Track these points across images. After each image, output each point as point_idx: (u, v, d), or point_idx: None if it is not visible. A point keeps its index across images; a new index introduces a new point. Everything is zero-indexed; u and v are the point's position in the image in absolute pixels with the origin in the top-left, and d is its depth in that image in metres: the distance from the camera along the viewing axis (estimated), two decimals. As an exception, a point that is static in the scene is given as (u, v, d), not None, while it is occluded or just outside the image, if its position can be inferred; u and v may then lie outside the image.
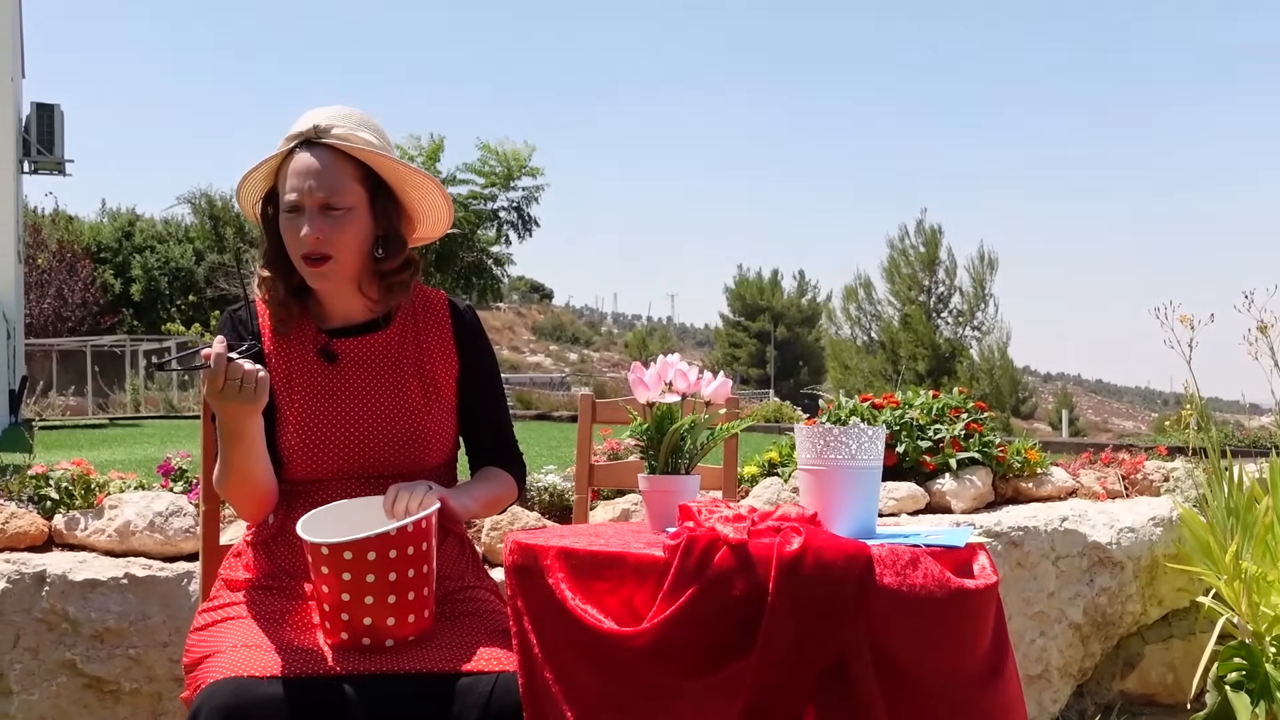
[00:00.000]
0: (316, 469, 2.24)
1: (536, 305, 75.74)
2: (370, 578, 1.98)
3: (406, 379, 2.31)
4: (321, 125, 2.22)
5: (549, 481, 3.52)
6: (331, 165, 2.21)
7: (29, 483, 3.13)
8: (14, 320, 17.57)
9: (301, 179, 2.19)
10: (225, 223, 35.59)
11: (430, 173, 2.26)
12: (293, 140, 2.22)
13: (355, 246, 2.24)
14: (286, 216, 2.22)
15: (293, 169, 2.20)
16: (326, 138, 2.22)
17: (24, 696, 2.86)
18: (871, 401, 4.07)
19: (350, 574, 1.97)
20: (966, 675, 1.83)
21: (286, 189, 2.21)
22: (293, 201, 2.20)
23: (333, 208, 2.20)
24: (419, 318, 2.37)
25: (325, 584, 2.00)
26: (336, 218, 2.20)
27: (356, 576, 1.98)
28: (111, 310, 33.20)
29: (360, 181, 2.24)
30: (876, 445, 1.98)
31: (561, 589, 1.88)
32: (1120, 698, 3.96)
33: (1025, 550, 3.68)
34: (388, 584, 1.99)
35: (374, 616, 2.00)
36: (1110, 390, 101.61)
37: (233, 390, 2.02)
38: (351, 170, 2.23)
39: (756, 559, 1.75)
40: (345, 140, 2.23)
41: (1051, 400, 54.49)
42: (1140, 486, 4.25)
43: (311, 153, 2.21)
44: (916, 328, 38.18)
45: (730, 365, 52.60)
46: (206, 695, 1.93)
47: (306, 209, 2.19)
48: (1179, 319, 3.70)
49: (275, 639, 2.07)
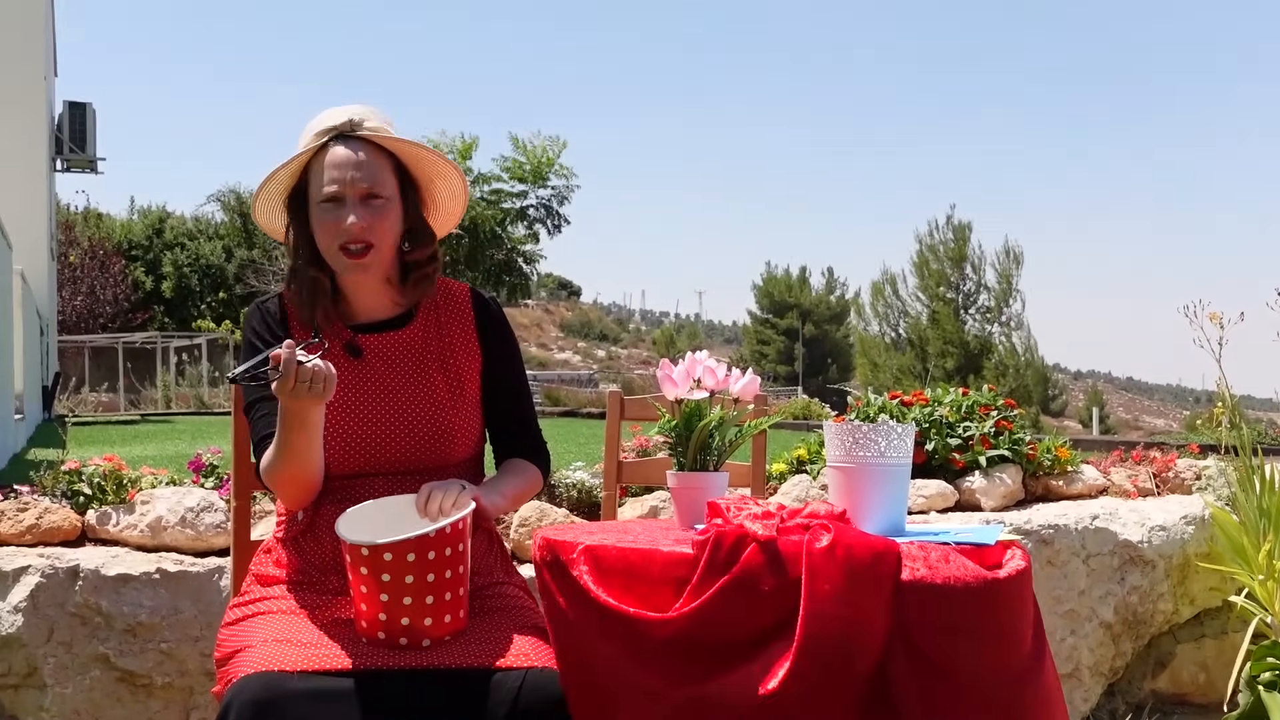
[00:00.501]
0: (344, 465, 2.24)
1: (564, 302, 75.81)
2: (409, 579, 1.99)
3: (431, 375, 2.32)
4: (356, 119, 2.25)
5: (577, 478, 3.52)
6: (369, 157, 2.24)
7: (62, 478, 3.16)
8: (47, 317, 17.72)
9: (343, 170, 2.21)
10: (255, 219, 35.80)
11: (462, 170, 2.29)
12: (325, 135, 2.24)
13: (392, 237, 2.27)
14: (324, 208, 2.23)
15: (330, 161, 2.22)
16: (361, 131, 2.24)
17: (58, 690, 2.89)
18: (900, 399, 4.05)
19: (390, 575, 1.98)
20: (1008, 669, 1.82)
21: (325, 181, 2.22)
22: (333, 192, 2.21)
23: (375, 197, 2.23)
24: (442, 312, 2.38)
25: (364, 584, 2.01)
26: (377, 207, 2.23)
27: (396, 578, 1.99)
28: (143, 307, 33.43)
29: (393, 173, 2.27)
30: (906, 442, 1.98)
31: (591, 586, 1.88)
32: (1152, 697, 3.93)
33: (1056, 548, 3.66)
34: (426, 585, 2.00)
35: (412, 617, 2.01)
36: (1141, 388, 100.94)
37: (303, 390, 2.02)
38: (386, 162, 2.26)
39: (786, 556, 1.75)
40: (380, 133, 2.26)
41: (1082, 398, 54.17)
42: (1172, 485, 4.22)
43: (348, 145, 2.23)
44: (945, 325, 38.03)
45: (758, 362, 52.53)
46: (237, 689, 1.95)
47: (348, 199, 2.21)
48: (1208, 317, 3.67)
49: (306, 634, 2.08)
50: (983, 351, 37.84)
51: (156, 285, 35.92)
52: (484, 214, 22.44)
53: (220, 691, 2.06)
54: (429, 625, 2.03)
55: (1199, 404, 54.06)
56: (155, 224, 37.59)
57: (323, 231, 2.24)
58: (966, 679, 1.77)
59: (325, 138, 2.24)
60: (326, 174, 2.22)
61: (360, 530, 2.05)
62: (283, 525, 2.31)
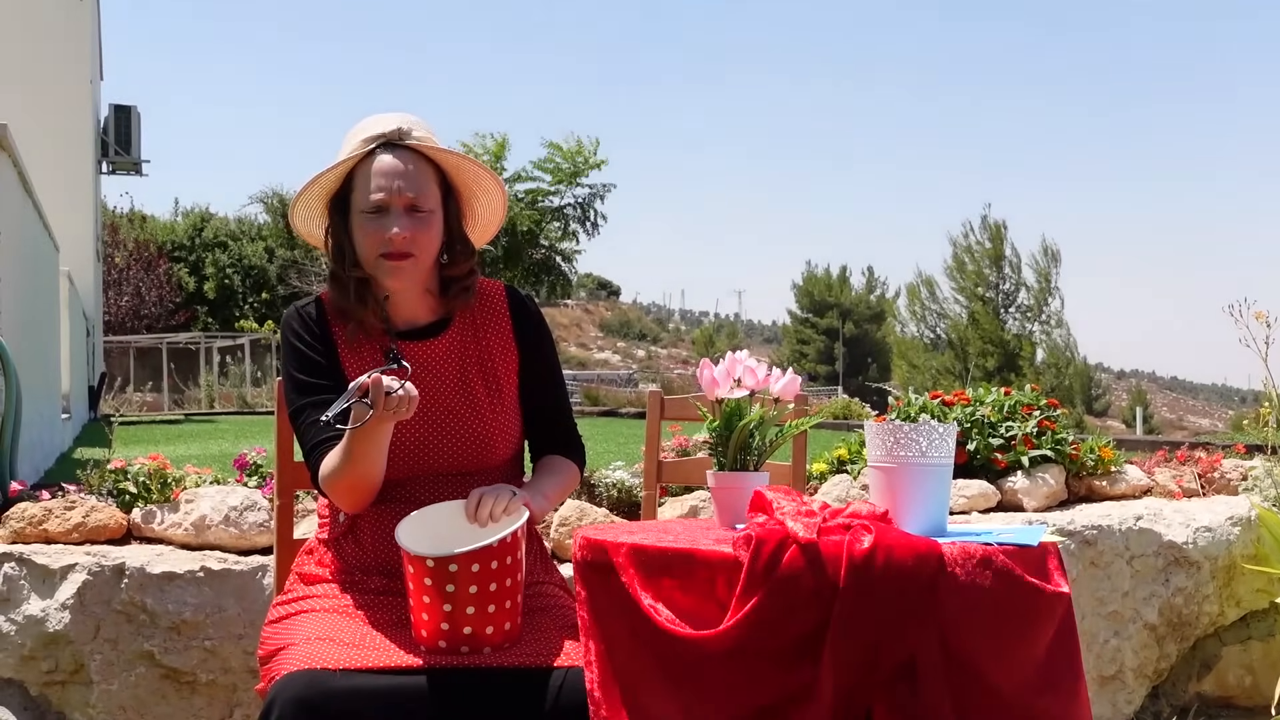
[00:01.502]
0: (388, 470, 2.22)
1: (604, 302, 75.87)
2: (473, 589, 2.00)
3: (471, 380, 2.31)
4: (404, 127, 2.22)
5: (617, 478, 3.52)
6: (416, 167, 2.22)
7: (108, 477, 3.19)
8: (93, 318, 17.91)
9: (389, 179, 2.19)
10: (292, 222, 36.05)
11: (495, 172, 2.25)
12: (372, 142, 2.22)
13: (433, 250, 2.26)
14: (367, 216, 2.21)
15: (377, 169, 2.20)
16: (409, 140, 2.23)
17: (104, 686, 2.92)
18: (942, 399, 4.03)
19: (454, 585, 2.00)
20: (1019, 680, 1.81)
21: (371, 189, 2.20)
22: (379, 201, 2.19)
23: (418, 209, 2.21)
24: (477, 314, 2.37)
25: (427, 595, 2.02)
26: (421, 219, 2.22)
27: (460, 588, 2.00)
28: (186, 308, 33.72)
29: (437, 184, 2.26)
30: (948, 442, 1.97)
31: (632, 586, 1.88)
32: (1197, 700, 3.89)
33: (1099, 549, 3.63)
34: (489, 594, 2.01)
35: (474, 625, 2.02)
36: (1186, 387, 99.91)
37: (388, 416, 2.02)
38: (431, 174, 2.25)
39: (827, 557, 1.75)
40: (425, 142, 2.24)
41: (1125, 397, 53.68)
42: (1217, 485, 4.18)
43: (394, 154, 2.21)
44: (984, 325, 37.78)
45: (798, 362, 52.36)
46: (281, 686, 1.96)
47: (393, 209, 2.20)
48: (1254, 316, 3.63)
49: (349, 633, 2.09)
50: (1023, 351, 37.56)
51: (199, 286, 36.22)
52: (521, 214, 22.48)
53: (264, 689, 2.08)
54: (490, 633, 2.04)
55: (1244, 404, 53.40)
56: (198, 225, 37.91)
57: (365, 240, 2.22)
58: (992, 682, 1.76)
59: (372, 144, 2.22)
60: (373, 181, 2.20)
61: (417, 540, 2.05)
62: (325, 526, 2.32)
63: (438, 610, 2.01)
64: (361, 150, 2.22)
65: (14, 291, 4.49)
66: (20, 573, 2.93)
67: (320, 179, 2.25)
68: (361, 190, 2.22)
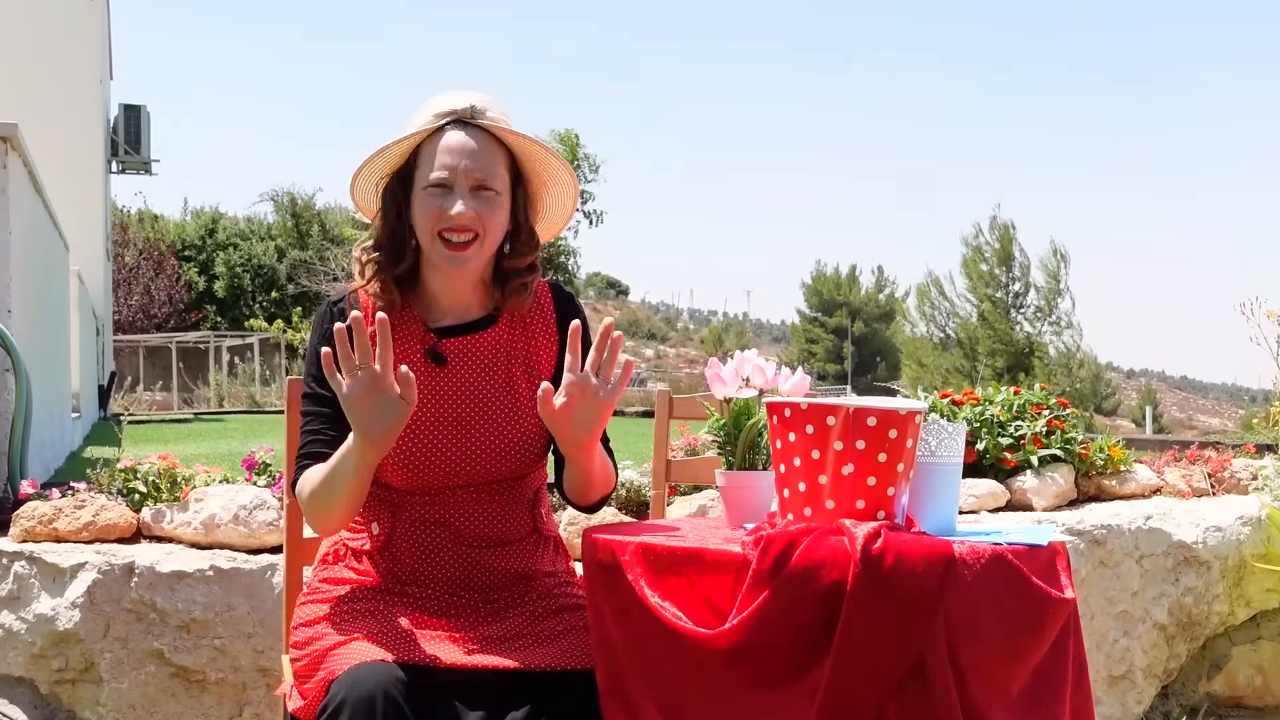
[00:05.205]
0: (425, 481, 2.13)
1: (612, 301, 75.90)
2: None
3: (516, 380, 2.19)
4: (479, 105, 2.12)
5: (625, 477, 3.53)
6: (485, 147, 2.11)
7: (118, 476, 3.20)
8: (103, 317, 17.94)
9: (456, 157, 2.09)
10: (307, 220, 36.07)
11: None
12: (444, 118, 2.11)
13: (498, 233, 2.15)
14: (429, 193, 2.10)
15: (444, 146, 2.09)
16: (482, 119, 2.12)
17: (113, 685, 2.93)
18: (951, 398, 4.03)
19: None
20: (1025, 682, 1.81)
21: (436, 166, 2.09)
22: (443, 178, 2.08)
23: (485, 189, 2.10)
24: (524, 310, 2.24)
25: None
26: (487, 199, 2.10)
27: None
28: (196, 307, 33.78)
29: (507, 169, 2.15)
30: (957, 441, 1.97)
31: (640, 585, 1.88)
32: (1206, 700, 3.88)
33: (1108, 549, 3.62)
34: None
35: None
36: (1195, 386, 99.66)
37: (384, 405, 1.91)
38: (502, 156, 2.14)
39: (835, 556, 1.74)
40: (499, 124, 2.14)
41: (1135, 397, 53.54)
42: (1227, 485, 4.17)
43: (466, 132, 2.11)
44: (995, 324, 37.73)
45: (807, 361, 52.33)
46: (350, 683, 1.89)
47: (458, 188, 2.09)
48: (1265, 315, 3.62)
49: (394, 631, 2.04)
50: (1032, 351, 37.50)
51: (209, 285, 36.26)
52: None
53: (303, 689, 2.03)
54: None
55: (1255, 403, 53.24)
56: (208, 224, 37.94)
57: (424, 216, 2.10)
58: (1004, 683, 1.76)
59: (443, 120, 2.11)
60: (439, 158, 2.09)
61: None
62: (357, 535, 2.20)
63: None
64: (431, 125, 2.11)
65: (25, 291, 4.51)
66: (30, 571, 2.94)
67: (387, 150, 2.13)
68: (426, 166, 2.10)
